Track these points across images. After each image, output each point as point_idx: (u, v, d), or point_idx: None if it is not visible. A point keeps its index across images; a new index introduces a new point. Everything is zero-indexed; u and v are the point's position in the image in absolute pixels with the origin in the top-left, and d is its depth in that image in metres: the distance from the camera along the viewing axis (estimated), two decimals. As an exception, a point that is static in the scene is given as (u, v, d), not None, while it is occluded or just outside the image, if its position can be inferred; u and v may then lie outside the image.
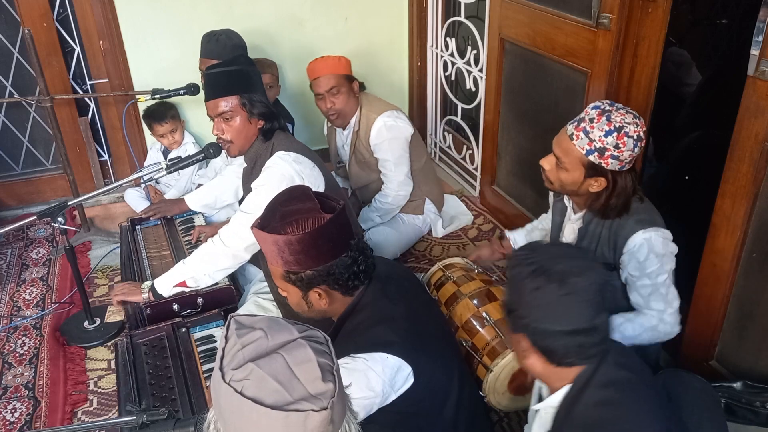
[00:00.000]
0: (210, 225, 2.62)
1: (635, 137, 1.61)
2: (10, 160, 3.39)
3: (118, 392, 1.83)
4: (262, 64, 2.94)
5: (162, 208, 2.72)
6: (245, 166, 2.26)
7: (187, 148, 3.18)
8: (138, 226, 2.65)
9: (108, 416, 2.12)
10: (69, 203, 2.20)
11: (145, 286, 2.11)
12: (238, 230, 2.04)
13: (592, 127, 1.63)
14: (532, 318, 1.28)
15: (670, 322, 1.77)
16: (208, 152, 2.23)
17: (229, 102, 2.07)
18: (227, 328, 0.91)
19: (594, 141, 1.63)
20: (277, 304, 2.25)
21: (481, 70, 3.11)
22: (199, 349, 1.93)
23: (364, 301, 1.58)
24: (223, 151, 2.21)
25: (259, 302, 2.29)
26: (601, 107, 1.66)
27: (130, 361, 1.87)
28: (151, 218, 2.69)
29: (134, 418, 1.22)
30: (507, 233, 2.30)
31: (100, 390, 2.24)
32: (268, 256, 1.55)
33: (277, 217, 1.49)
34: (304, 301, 1.58)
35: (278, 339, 0.88)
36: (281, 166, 2.06)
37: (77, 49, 3.22)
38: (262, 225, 1.51)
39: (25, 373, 2.32)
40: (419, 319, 1.61)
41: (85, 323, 2.45)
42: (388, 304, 1.57)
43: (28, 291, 2.76)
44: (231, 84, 2.08)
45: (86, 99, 3.34)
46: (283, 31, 3.38)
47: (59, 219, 2.12)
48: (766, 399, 1.73)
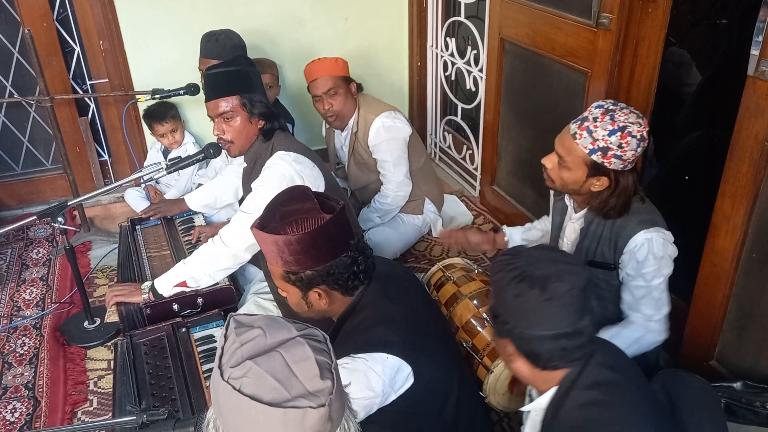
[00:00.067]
0: (210, 225, 2.62)
1: (638, 137, 1.61)
2: (10, 160, 3.39)
3: (114, 394, 1.82)
4: (262, 64, 2.94)
5: (162, 208, 2.72)
6: (245, 166, 2.26)
7: (187, 148, 3.18)
8: (138, 226, 2.65)
9: (108, 416, 2.11)
10: (69, 203, 2.20)
11: (145, 286, 2.11)
12: (239, 230, 2.04)
13: (595, 127, 1.63)
14: (515, 323, 1.29)
15: (656, 329, 1.77)
16: (208, 152, 2.24)
17: (230, 102, 2.08)
18: (226, 327, 0.92)
19: (597, 140, 1.63)
20: (277, 304, 2.25)
21: (481, 70, 3.11)
22: (199, 349, 1.93)
23: (364, 301, 1.58)
24: (223, 151, 2.21)
25: (259, 302, 2.30)
26: (605, 106, 1.66)
27: (129, 361, 1.87)
28: (151, 218, 2.68)
29: (134, 418, 1.22)
30: (504, 228, 2.30)
31: (100, 390, 2.24)
32: (268, 257, 1.55)
33: (277, 217, 1.49)
34: (304, 301, 1.58)
35: (277, 337, 0.88)
36: (281, 166, 2.06)
37: (77, 49, 3.23)
38: (262, 225, 1.51)
39: (25, 373, 2.31)
40: (419, 319, 1.61)
41: (85, 323, 2.46)
42: (388, 304, 1.57)
43: (28, 291, 2.76)
44: (231, 84, 2.09)
45: (86, 99, 3.34)
46: (283, 31, 3.38)
47: (59, 219, 2.13)
48: (766, 399, 1.73)
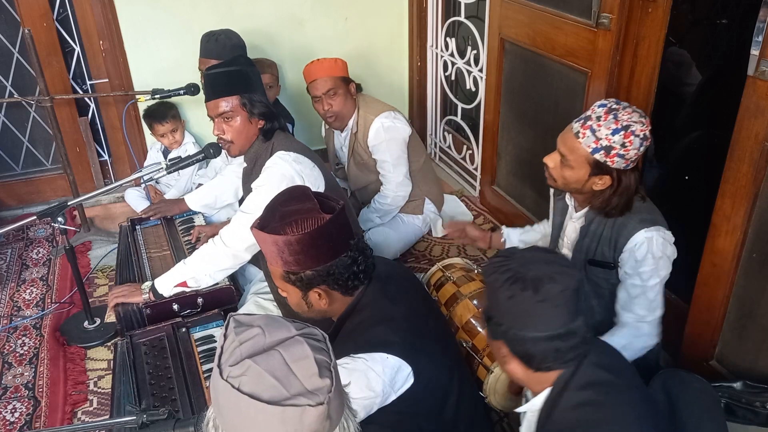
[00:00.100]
0: (210, 225, 2.62)
1: (641, 136, 1.61)
2: (10, 160, 3.39)
3: (112, 395, 1.82)
4: (262, 64, 2.94)
5: (162, 208, 2.72)
6: (245, 166, 2.26)
7: (187, 148, 3.18)
8: (138, 226, 2.65)
9: (108, 416, 2.12)
10: (69, 203, 2.20)
11: (145, 286, 2.11)
12: (239, 230, 2.04)
13: (599, 126, 1.63)
14: (509, 325, 1.29)
15: (647, 332, 1.77)
16: (208, 152, 2.24)
17: (230, 102, 2.08)
18: (226, 327, 0.92)
19: (600, 139, 1.63)
20: (277, 304, 2.25)
21: (481, 70, 3.11)
22: (199, 349, 1.93)
23: (364, 301, 1.58)
24: (223, 151, 2.21)
25: (259, 302, 2.30)
26: (608, 105, 1.66)
27: (129, 361, 1.87)
28: (151, 218, 2.68)
29: (134, 418, 1.22)
30: (503, 228, 2.29)
31: (100, 390, 2.24)
32: (268, 257, 1.55)
33: (277, 217, 1.49)
34: (304, 301, 1.58)
35: (276, 336, 0.88)
36: (281, 166, 2.06)
37: (77, 49, 3.23)
38: (262, 225, 1.51)
39: (25, 373, 2.31)
40: (419, 319, 1.61)
41: (85, 323, 2.46)
42: (388, 304, 1.57)
43: (28, 291, 2.76)
44: (231, 84, 2.09)
45: (86, 99, 3.34)
46: (283, 31, 3.38)
47: (59, 219, 2.12)
48: (766, 399, 1.73)
